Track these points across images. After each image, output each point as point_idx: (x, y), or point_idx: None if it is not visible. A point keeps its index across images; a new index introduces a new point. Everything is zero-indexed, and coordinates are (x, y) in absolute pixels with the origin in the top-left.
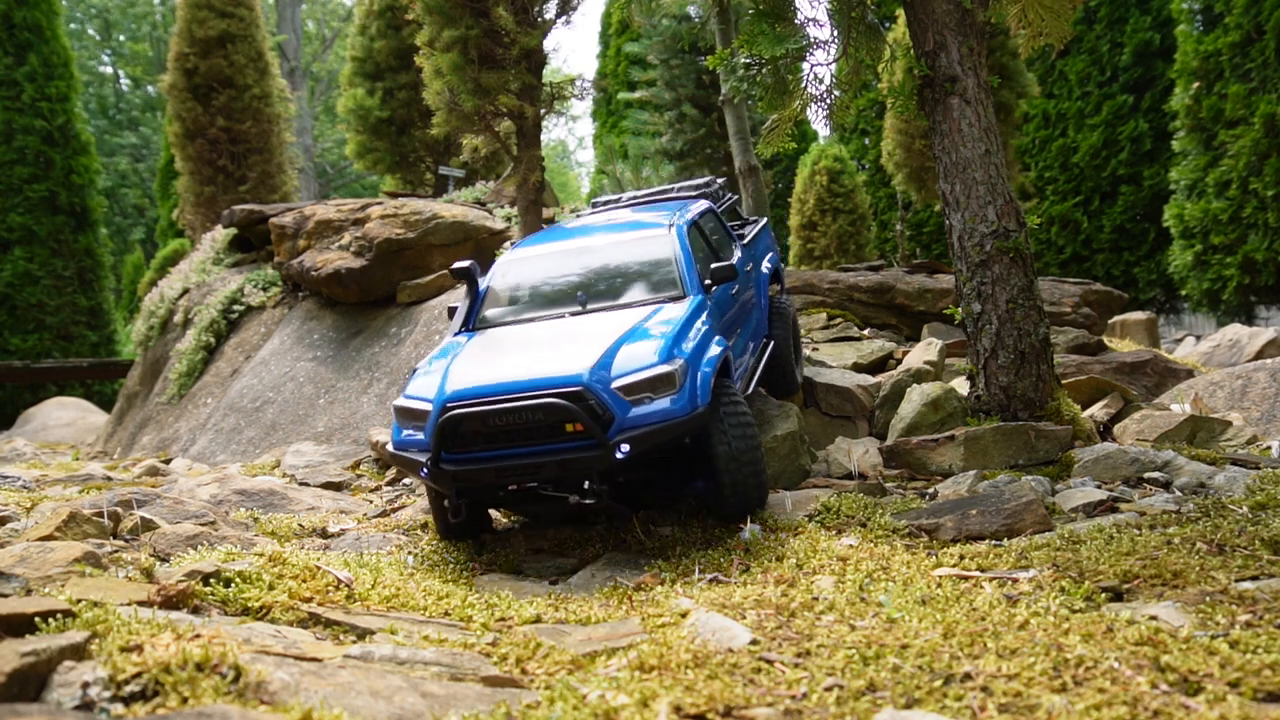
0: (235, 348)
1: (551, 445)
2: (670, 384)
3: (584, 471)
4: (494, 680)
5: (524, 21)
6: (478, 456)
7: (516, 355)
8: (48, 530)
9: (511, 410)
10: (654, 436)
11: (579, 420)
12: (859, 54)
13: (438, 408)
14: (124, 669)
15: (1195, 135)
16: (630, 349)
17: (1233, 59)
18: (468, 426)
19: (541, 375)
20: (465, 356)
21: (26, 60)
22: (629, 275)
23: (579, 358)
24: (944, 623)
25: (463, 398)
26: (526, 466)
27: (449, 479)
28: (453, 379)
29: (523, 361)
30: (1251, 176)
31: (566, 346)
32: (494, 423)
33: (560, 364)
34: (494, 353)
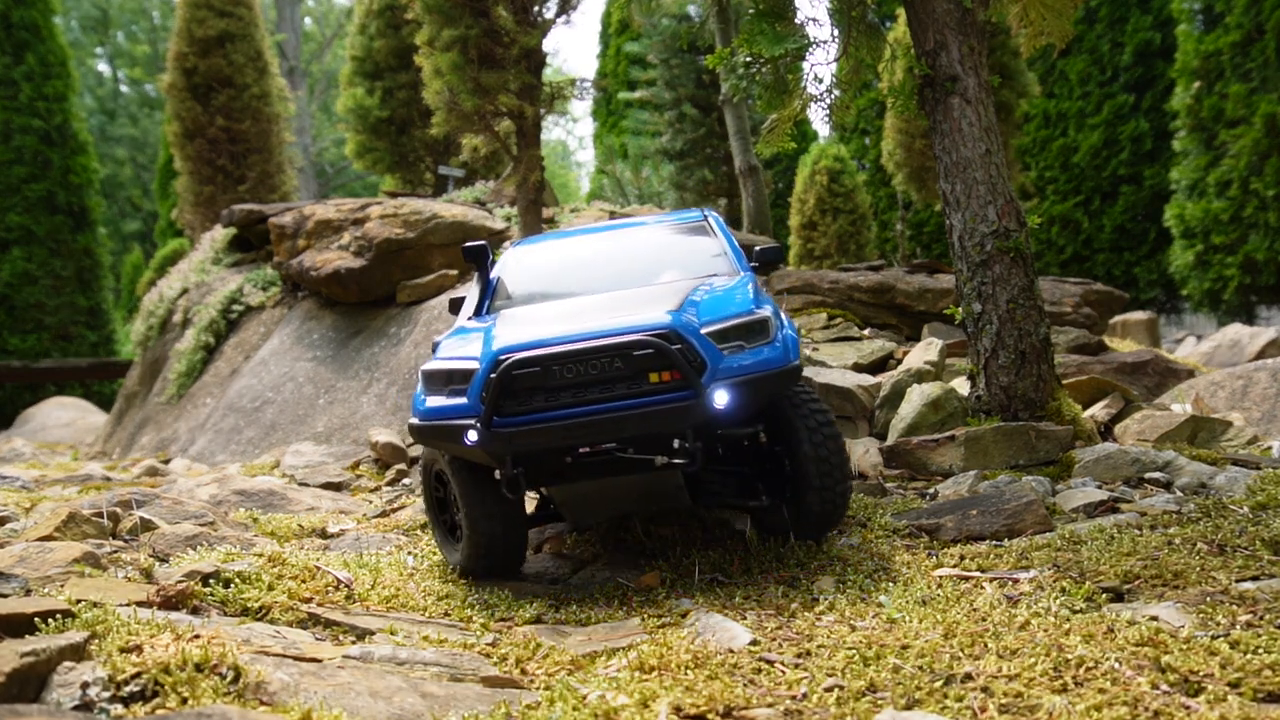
0: (234, 348)
1: (631, 400)
2: (764, 331)
3: (675, 426)
4: (494, 681)
5: (524, 21)
6: (543, 416)
7: (574, 317)
8: (47, 530)
9: (585, 356)
10: (752, 387)
11: (669, 365)
12: (859, 53)
13: (488, 362)
14: (123, 669)
15: (1196, 135)
16: (713, 298)
17: (1233, 59)
18: (529, 380)
19: (617, 324)
20: (508, 322)
21: (24, 59)
22: (667, 260)
23: (657, 306)
24: (944, 623)
25: (523, 348)
26: (604, 422)
27: (504, 442)
28: (502, 337)
29: (587, 318)
30: (1252, 176)
31: (635, 304)
32: (562, 374)
33: (637, 313)
34: (544, 318)
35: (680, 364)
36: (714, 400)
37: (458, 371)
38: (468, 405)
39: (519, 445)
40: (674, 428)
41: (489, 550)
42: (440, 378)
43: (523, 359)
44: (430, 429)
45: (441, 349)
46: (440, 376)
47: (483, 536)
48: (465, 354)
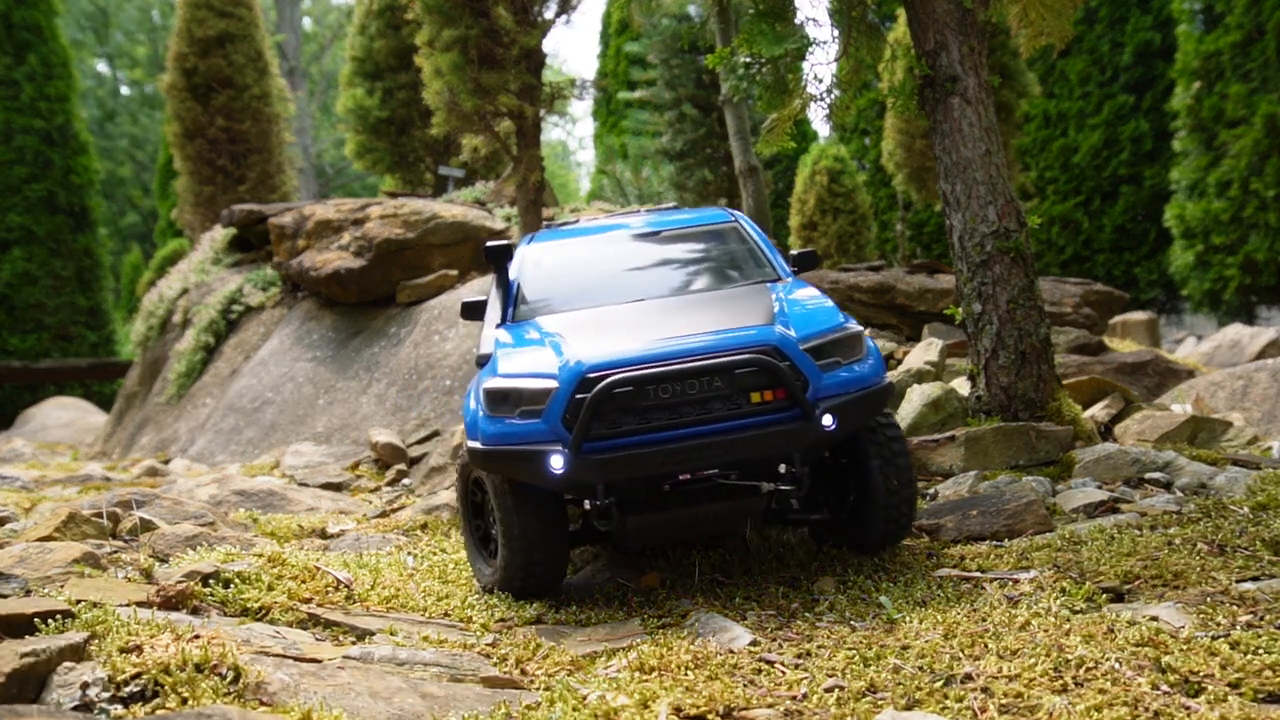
0: (234, 348)
1: (734, 422)
2: (859, 347)
3: (784, 449)
4: (494, 681)
5: (524, 21)
6: (638, 440)
7: (648, 327)
8: (47, 531)
9: (687, 376)
10: (855, 407)
11: (777, 385)
12: (859, 54)
13: (572, 379)
14: (123, 670)
15: (1196, 135)
16: (801, 310)
17: (1234, 59)
18: (622, 401)
19: (715, 339)
20: (575, 333)
21: (25, 60)
22: (705, 261)
23: (746, 317)
24: (944, 624)
25: (614, 366)
26: (709, 447)
27: (596, 470)
28: (582, 352)
29: (665, 329)
30: (1252, 176)
31: (717, 315)
32: (657, 394)
33: (728, 326)
34: (610, 327)
35: (791, 385)
36: (823, 421)
37: (529, 391)
38: (544, 429)
39: (613, 473)
40: (783, 451)
41: (527, 570)
42: (507, 398)
43: (623, 378)
44: (499, 455)
45: (500, 363)
46: (507, 396)
47: (521, 555)
48: (535, 370)
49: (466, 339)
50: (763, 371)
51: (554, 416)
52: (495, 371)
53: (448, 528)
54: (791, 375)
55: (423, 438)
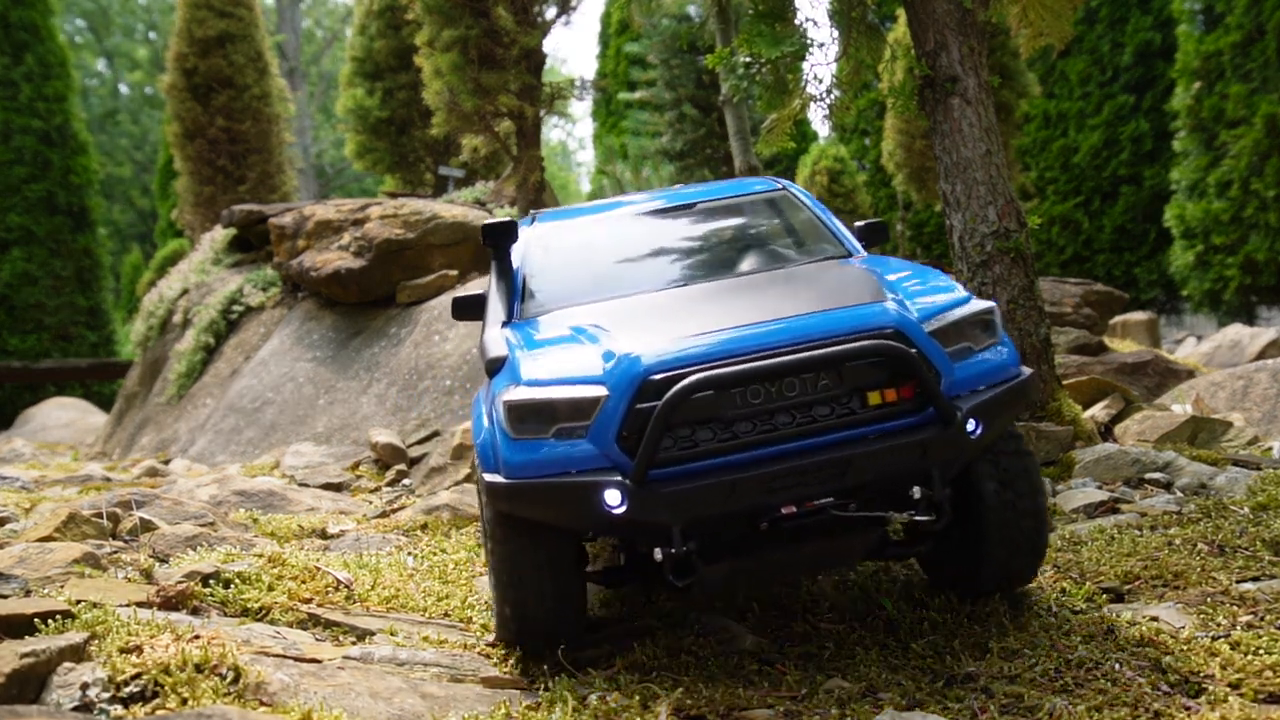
0: (234, 348)
1: (845, 432)
2: (992, 329)
3: (919, 466)
4: (494, 681)
5: (524, 21)
6: (724, 462)
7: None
8: (47, 531)
9: (785, 371)
10: (1002, 408)
11: (906, 379)
12: (859, 54)
13: (627, 384)
14: (123, 670)
15: (1196, 135)
16: (909, 284)
17: (1234, 59)
18: (699, 410)
19: (810, 321)
20: (615, 321)
21: (23, 60)
22: (754, 236)
23: (847, 293)
24: (946, 625)
25: (685, 363)
26: (822, 468)
27: (671, 506)
28: (637, 346)
29: (745, 314)
30: (1253, 177)
31: (798, 294)
32: (745, 399)
33: (827, 304)
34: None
35: (926, 378)
36: (967, 427)
37: (569, 402)
38: (592, 452)
39: (695, 509)
40: (919, 468)
41: (520, 619)
42: (539, 412)
43: (701, 379)
44: (531, 493)
45: (524, 367)
46: (539, 411)
47: (512, 597)
48: (574, 373)
49: (466, 339)
50: (887, 361)
51: (606, 435)
52: (517, 378)
53: (448, 528)
54: (924, 366)
55: (423, 438)
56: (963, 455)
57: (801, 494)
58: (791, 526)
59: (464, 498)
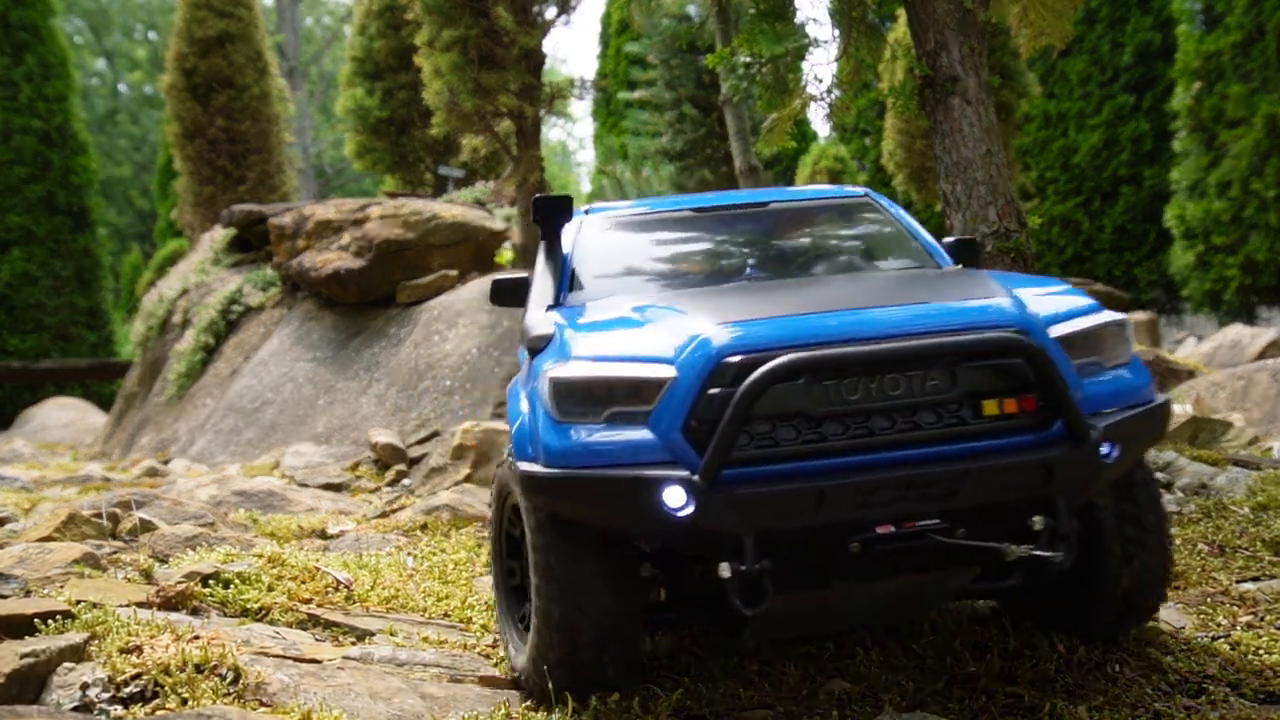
0: (234, 348)
1: (957, 444)
2: (1123, 344)
3: (1044, 490)
4: (494, 681)
5: (524, 21)
6: (814, 469)
7: (803, 300)
8: (47, 531)
9: (889, 363)
10: (1139, 431)
11: (1031, 387)
12: (859, 54)
13: (701, 365)
14: (123, 670)
15: (1196, 135)
16: (1025, 288)
17: (1234, 59)
18: (784, 402)
19: (921, 310)
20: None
21: (24, 60)
22: (837, 242)
23: (957, 291)
24: (946, 625)
25: (771, 345)
26: (933, 481)
27: (748, 514)
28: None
29: (839, 299)
30: (1253, 177)
31: (904, 289)
32: (839, 393)
33: (937, 298)
34: (743, 299)
35: (1059, 387)
36: (1101, 450)
37: (629, 382)
38: (653, 443)
39: (773, 517)
40: (1040, 493)
41: (573, 655)
42: (591, 392)
43: (791, 362)
44: (576, 485)
45: (575, 343)
46: (590, 390)
47: (565, 629)
48: (637, 350)
49: (466, 339)
50: (1014, 363)
51: (670, 423)
52: (567, 354)
53: (447, 528)
54: (1054, 374)
55: (423, 438)
56: (1094, 482)
57: (904, 511)
58: (887, 550)
59: (464, 498)
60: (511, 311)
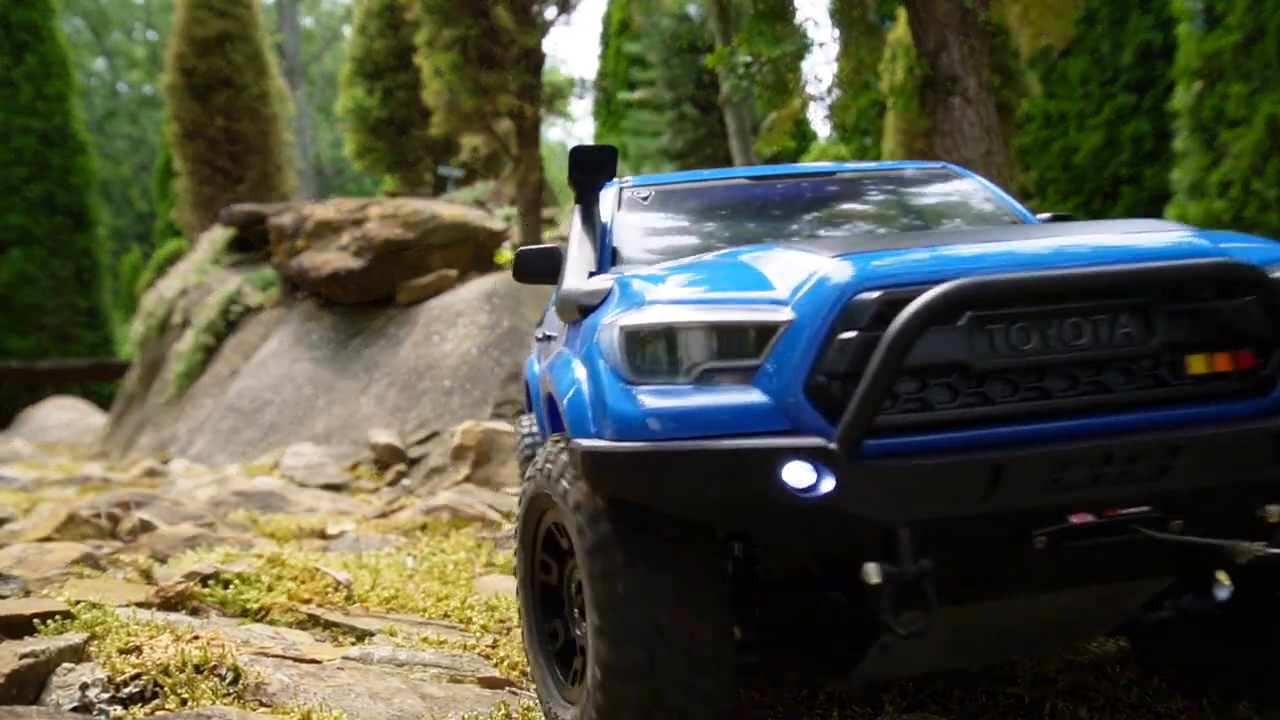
0: (234, 348)
1: (1153, 411)
2: None
3: (1273, 468)
4: (493, 682)
5: (523, 21)
6: (978, 438)
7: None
8: (46, 531)
9: (1078, 293)
10: None
11: (1252, 338)
12: (859, 54)
13: (832, 300)
14: (123, 670)
15: (1197, 135)
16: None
17: (1235, 59)
18: (935, 352)
19: (1110, 243)
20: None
21: (24, 60)
22: (925, 209)
23: (1136, 227)
24: None
25: (925, 276)
26: (1140, 451)
27: (900, 495)
28: (828, 256)
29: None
30: (1254, 177)
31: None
32: (1012, 341)
33: (1115, 233)
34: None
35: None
36: None
37: (729, 327)
38: (764, 404)
39: (936, 501)
40: (1273, 473)
41: (654, 710)
42: (675, 342)
43: (965, 288)
44: (663, 461)
45: (647, 289)
46: (675, 339)
47: (640, 678)
48: (733, 293)
49: (466, 339)
50: (1241, 302)
51: (787, 379)
52: (639, 299)
53: (447, 528)
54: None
55: (422, 438)
56: None
57: (1104, 495)
58: (1081, 548)
59: (463, 498)
60: (512, 310)
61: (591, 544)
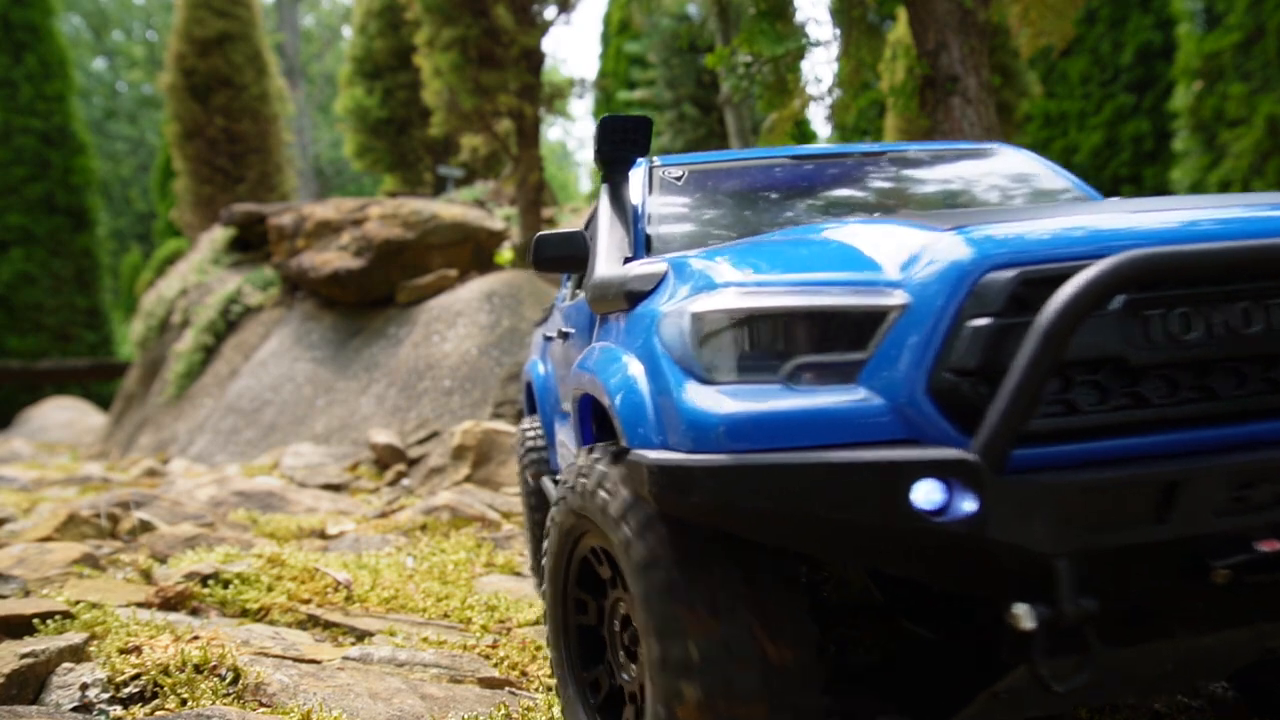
0: (234, 348)
1: None
2: None
3: None
4: (493, 682)
5: (523, 21)
6: (1139, 447)
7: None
8: (46, 531)
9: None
10: None
11: None
12: (859, 53)
13: (958, 279)
14: (123, 670)
15: (1197, 135)
16: None
17: (1234, 59)
18: (1091, 342)
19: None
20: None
21: (23, 60)
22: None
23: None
24: None
25: (1067, 248)
26: None
27: (1060, 519)
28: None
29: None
30: (1253, 177)
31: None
32: (1169, 330)
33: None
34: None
35: None
36: None
37: (829, 314)
38: (877, 407)
39: (1101, 525)
40: None
41: None
42: (765, 333)
43: (1152, 258)
44: (752, 478)
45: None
46: (765, 330)
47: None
48: (830, 271)
49: (466, 339)
50: None
51: (903, 377)
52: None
53: (447, 528)
54: None
55: (422, 438)
56: None
57: None
58: (1266, 583)
59: (463, 498)
60: (512, 310)
61: (644, 558)
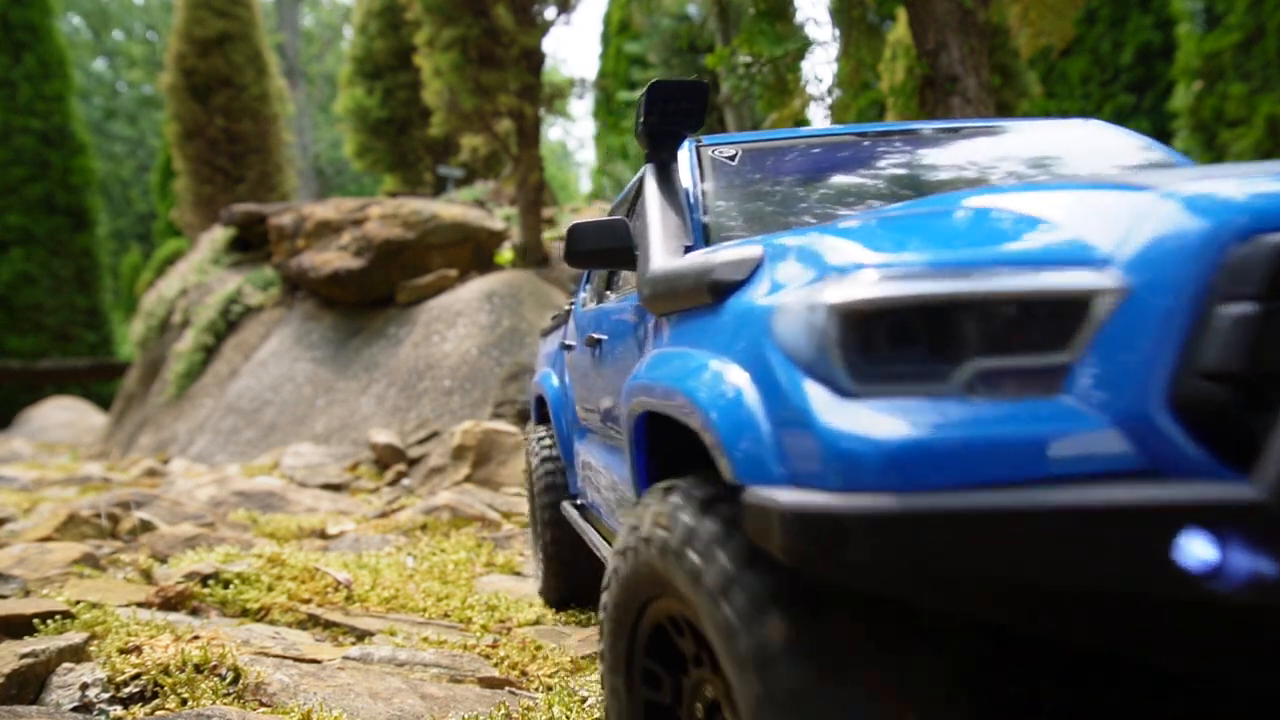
0: (234, 348)
1: None
2: None
3: None
4: (493, 682)
5: (523, 21)
6: None
7: None
8: (46, 531)
9: None
10: None
11: None
12: (859, 54)
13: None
14: (123, 670)
15: (1197, 135)
16: None
17: (1234, 59)
18: None
19: None
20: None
21: (23, 60)
22: (1087, 159)
23: None
24: None
25: None
26: None
27: None
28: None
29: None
30: None
31: None
32: None
33: None
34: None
35: None
36: None
37: (1020, 301)
38: (1103, 429)
39: None
40: None
41: None
42: (932, 329)
43: None
44: (971, 527)
45: (842, 250)
46: (933, 326)
47: None
48: (1012, 245)
49: (466, 339)
50: None
51: (1129, 384)
52: (841, 266)
53: (447, 528)
54: None
55: (422, 438)
56: None
57: None
58: None
59: (463, 498)
60: (512, 310)
61: (756, 654)
